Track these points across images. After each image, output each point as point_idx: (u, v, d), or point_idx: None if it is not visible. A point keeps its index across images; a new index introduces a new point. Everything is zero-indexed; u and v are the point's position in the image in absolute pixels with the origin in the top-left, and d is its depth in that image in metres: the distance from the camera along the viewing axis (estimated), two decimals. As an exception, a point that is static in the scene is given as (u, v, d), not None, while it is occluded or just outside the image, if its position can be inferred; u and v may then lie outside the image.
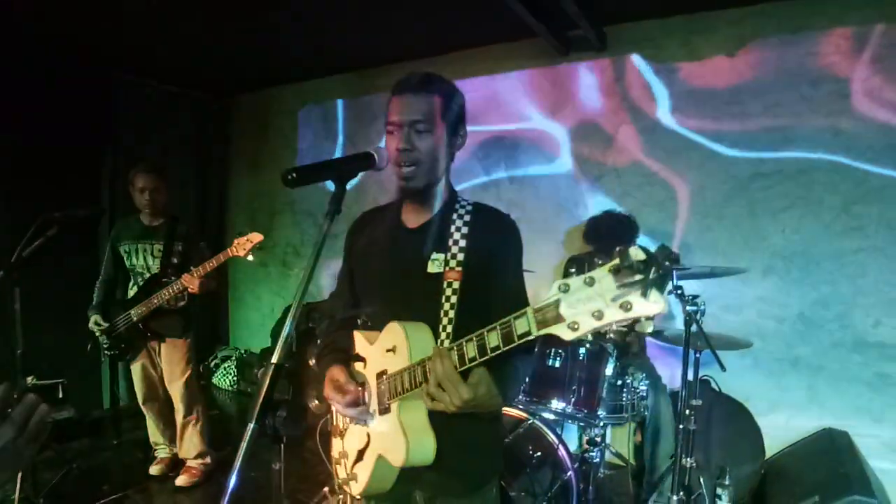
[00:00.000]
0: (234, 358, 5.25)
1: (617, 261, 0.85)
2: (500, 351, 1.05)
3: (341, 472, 1.51)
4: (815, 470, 2.72)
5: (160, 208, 3.19)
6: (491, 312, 1.33)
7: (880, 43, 2.89)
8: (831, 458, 2.73)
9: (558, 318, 0.93)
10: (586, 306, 0.89)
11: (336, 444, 1.57)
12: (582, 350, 2.59)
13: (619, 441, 3.41)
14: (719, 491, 2.88)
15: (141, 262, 3.15)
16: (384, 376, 1.32)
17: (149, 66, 4.56)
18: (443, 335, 1.30)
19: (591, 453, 2.73)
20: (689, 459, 2.50)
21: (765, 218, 3.21)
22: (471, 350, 1.10)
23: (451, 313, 1.30)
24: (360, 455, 1.41)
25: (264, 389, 1.13)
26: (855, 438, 2.91)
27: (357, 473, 1.42)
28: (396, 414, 1.28)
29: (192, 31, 3.78)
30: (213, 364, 5.31)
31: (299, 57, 4.40)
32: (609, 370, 2.58)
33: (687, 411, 2.45)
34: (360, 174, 1.33)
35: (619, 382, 2.63)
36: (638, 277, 0.83)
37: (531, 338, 0.99)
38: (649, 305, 0.83)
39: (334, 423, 1.61)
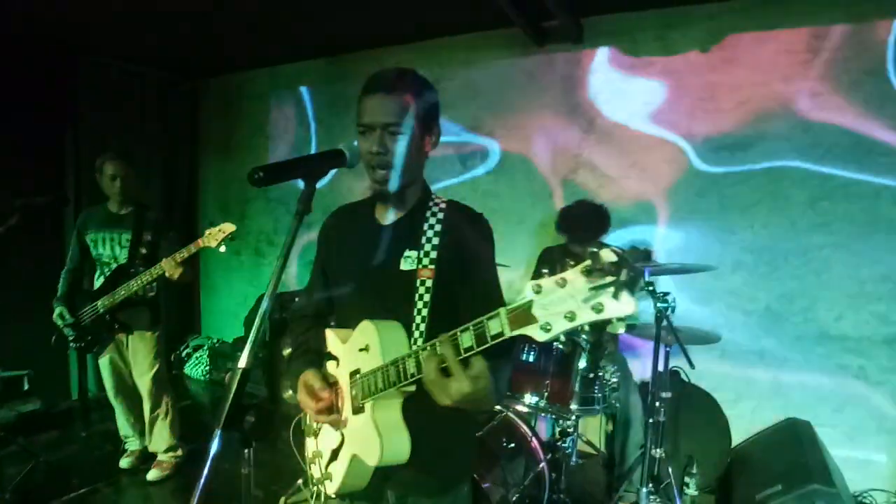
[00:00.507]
0: (205, 347, 5.18)
1: (588, 262, 0.85)
2: (473, 352, 1.04)
3: (316, 472, 1.50)
4: (779, 459, 2.82)
5: (130, 196, 3.10)
6: (464, 311, 1.34)
7: (838, 45, 2.95)
8: (794, 447, 2.83)
9: (531, 319, 0.93)
10: (559, 308, 0.90)
11: (310, 444, 1.55)
12: (556, 345, 2.61)
13: (591, 429, 3.47)
14: (687, 479, 2.98)
15: (108, 252, 3.06)
16: (357, 376, 1.31)
17: (112, 44, 4.35)
18: (416, 334, 1.29)
19: (563, 443, 2.77)
20: (658, 450, 2.56)
21: (734, 213, 3.27)
22: (467, 339, 1.07)
23: (425, 311, 1.29)
24: (335, 454, 1.41)
25: (232, 394, 1.11)
26: (817, 428, 3.01)
27: (332, 473, 1.41)
28: (370, 413, 1.27)
29: (158, 9, 3.61)
30: (184, 353, 5.23)
31: (272, 40, 4.27)
32: (582, 364, 2.61)
33: (657, 404, 2.51)
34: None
35: (592, 375, 2.67)
36: (609, 279, 0.83)
37: (503, 338, 0.98)
38: (620, 307, 0.84)
39: (308, 422, 1.60)
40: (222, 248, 2.78)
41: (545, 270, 0.97)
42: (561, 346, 2.60)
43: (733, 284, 3.29)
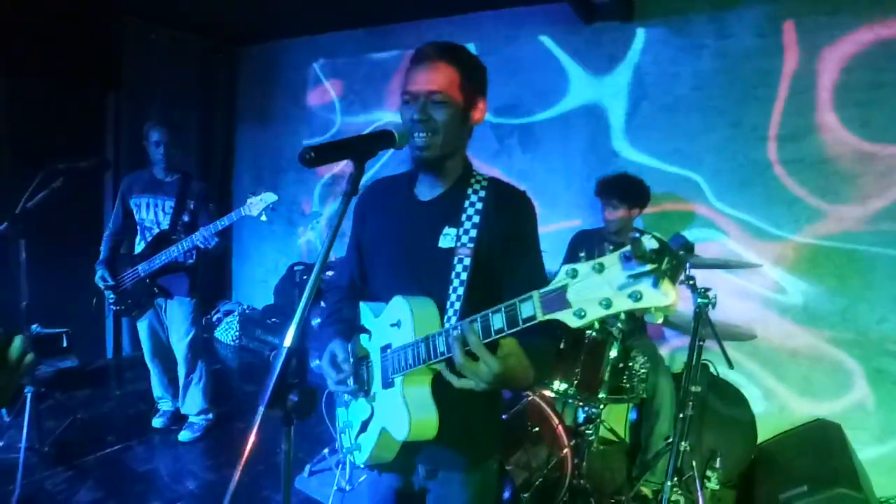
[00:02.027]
0: (236, 313, 5.29)
1: (629, 248, 0.81)
2: (504, 334, 1.03)
3: (345, 441, 1.53)
4: (806, 460, 2.78)
5: (174, 163, 3.15)
6: (505, 292, 1.31)
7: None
8: (822, 449, 2.79)
9: (565, 304, 0.91)
10: (595, 294, 0.87)
11: (341, 414, 1.58)
12: (589, 332, 2.59)
13: (614, 417, 3.46)
14: (709, 473, 2.95)
15: (151, 217, 3.12)
16: (388, 350, 1.32)
17: (154, 9, 4.37)
18: (450, 312, 1.29)
19: (587, 430, 2.77)
20: (684, 444, 2.55)
21: (780, 207, 3.16)
22: (475, 330, 1.07)
23: (461, 290, 1.28)
24: (364, 426, 1.43)
25: (277, 373, 1.12)
26: (847, 431, 2.95)
27: (361, 444, 1.44)
28: (400, 389, 1.28)
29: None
30: (215, 318, 5.35)
31: (312, 8, 4.21)
32: (613, 353, 2.59)
33: (688, 398, 2.48)
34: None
35: (622, 365, 2.64)
36: (650, 267, 0.80)
37: (535, 322, 0.97)
38: (660, 297, 0.80)
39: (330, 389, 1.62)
40: (263, 217, 2.82)
41: (582, 254, 0.94)
42: (594, 334, 2.57)
43: (771, 281, 3.20)
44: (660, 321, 0.82)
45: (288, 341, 1.14)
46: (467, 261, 1.29)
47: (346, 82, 4.83)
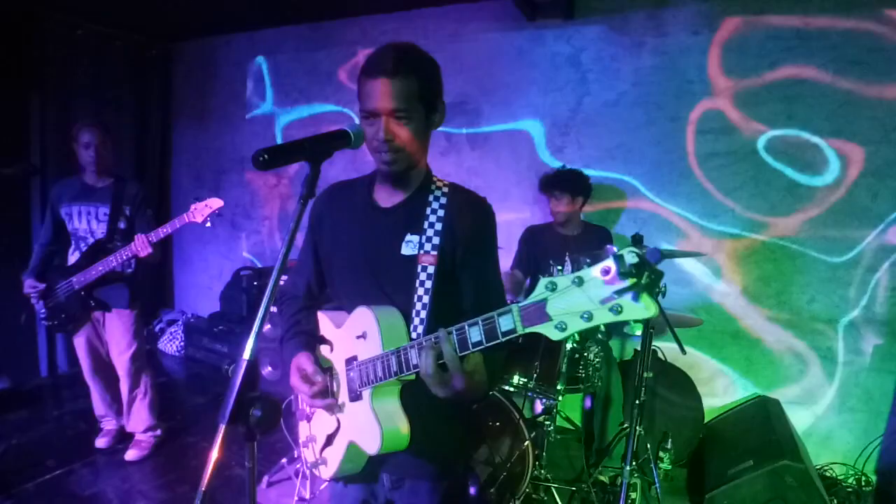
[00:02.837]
0: (180, 322, 5.07)
1: (609, 262, 0.84)
2: (481, 347, 1.04)
3: (309, 456, 1.49)
4: (750, 435, 2.94)
5: (106, 166, 2.97)
6: (466, 300, 1.33)
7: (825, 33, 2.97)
8: (764, 424, 2.95)
9: (545, 317, 0.92)
10: (575, 307, 0.89)
11: (303, 428, 1.54)
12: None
13: (570, 406, 3.55)
14: (661, 454, 3.08)
15: (84, 226, 2.93)
16: (354, 363, 1.29)
17: (78, 4, 4.08)
18: (416, 321, 1.27)
19: (546, 421, 2.82)
20: (639, 428, 2.64)
21: (718, 197, 3.32)
22: (451, 342, 1.08)
23: (426, 298, 1.27)
24: (329, 440, 1.40)
25: (237, 387, 1.08)
26: (784, 406, 3.15)
27: (327, 458, 1.41)
28: (369, 402, 1.26)
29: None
30: (158, 329, 5.12)
31: (248, 4, 4.07)
32: (569, 345, 2.65)
33: (642, 384, 2.57)
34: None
35: (577, 356, 2.71)
36: (630, 282, 0.82)
37: (515, 335, 0.98)
38: (640, 310, 0.83)
39: (300, 405, 1.58)
40: (208, 224, 2.71)
41: (559, 268, 0.95)
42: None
43: (713, 267, 3.36)
44: (638, 332, 0.86)
45: (247, 353, 1.10)
46: (431, 269, 1.28)
47: (288, 79, 4.70)
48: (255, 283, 4.31)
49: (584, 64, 3.59)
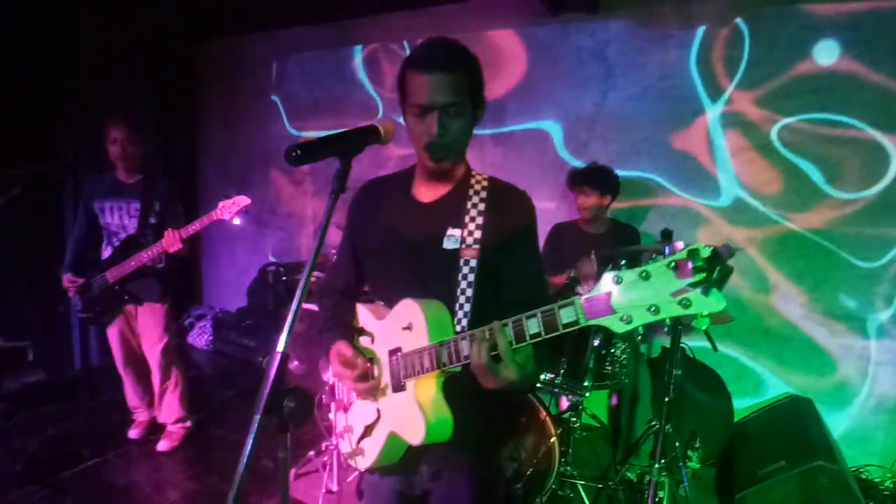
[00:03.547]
0: (209, 317, 5.16)
1: (679, 255, 0.85)
2: (539, 339, 1.04)
3: (345, 447, 1.51)
4: (782, 435, 2.88)
5: (135, 163, 3.03)
6: (508, 292, 1.33)
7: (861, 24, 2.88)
8: (797, 424, 2.89)
9: (609, 310, 0.93)
10: (641, 300, 0.90)
11: (340, 419, 1.56)
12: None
13: (596, 403, 3.52)
14: (690, 453, 3.03)
15: (116, 221, 3.00)
16: (398, 354, 1.30)
17: (105, 4, 4.17)
18: (459, 314, 1.28)
19: (572, 417, 2.81)
20: (668, 427, 2.60)
21: (747, 192, 3.25)
22: (508, 334, 1.08)
23: (469, 292, 1.28)
24: (368, 430, 1.41)
25: (271, 379, 1.09)
26: (818, 405, 3.07)
27: (364, 448, 1.42)
28: (413, 392, 1.27)
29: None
30: (187, 323, 5.22)
31: (275, 2, 4.11)
32: (596, 341, 2.63)
33: (671, 382, 2.54)
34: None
35: (604, 352, 2.69)
36: (700, 276, 0.83)
37: (578, 327, 0.99)
38: (710, 304, 0.84)
39: (338, 395, 1.59)
40: (236, 221, 2.76)
41: (623, 262, 0.94)
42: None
43: (744, 263, 3.30)
44: (705, 326, 0.87)
45: (281, 346, 1.11)
46: (473, 262, 1.28)
47: (312, 77, 4.74)
48: (284, 278, 4.36)
49: (608, 58, 3.55)
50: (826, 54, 2.99)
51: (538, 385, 2.64)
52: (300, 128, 4.87)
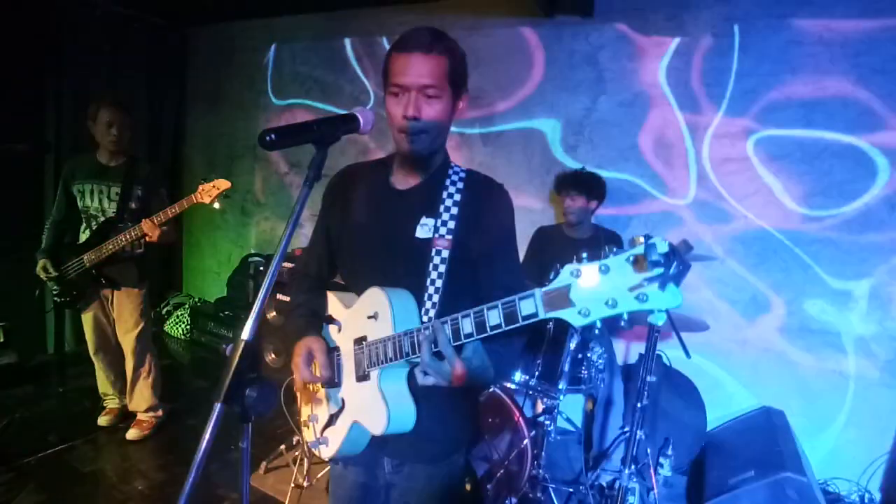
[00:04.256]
0: (187, 306, 5.10)
1: (637, 250, 0.85)
2: (499, 330, 1.03)
3: (309, 435, 1.49)
4: (752, 446, 2.90)
5: (124, 146, 2.98)
6: (481, 286, 1.32)
7: (848, 39, 2.91)
8: (767, 435, 2.91)
9: (568, 303, 0.93)
10: (600, 294, 0.89)
11: (304, 408, 1.54)
12: (549, 325, 2.62)
13: (571, 407, 3.53)
14: (662, 460, 3.05)
15: (96, 205, 2.95)
16: (364, 343, 1.29)
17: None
18: (428, 304, 1.27)
19: (546, 420, 2.81)
20: (640, 433, 2.61)
21: (729, 202, 3.28)
22: (467, 325, 1.07)
23: (439, 283, 1.27)
24: (332, 419, 1.40)
25: (233, 366, 1.07)
26: (789, 417, 3.10)
27: (328, 437, 1.40)
28: (376, 382, 1.25)
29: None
30: (164, 311, 5.15)
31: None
32: (573, 344, 2.62)
33: (644, 388, 2.55)
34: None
35: (580, 356, 2.69)
36: (657, 270, 0.82)
37: (536, 320, 0.98)
38: (667, 299, 0.84)
39: (303, 385, 1.57)
40: (216, 205, 2.73)
41: (584, 255, 0.93)
42: (550, 326, 2.61)
43: (723, 273, 3.32)
44: (660, 322, 0.86)
45: (246, 334, 1.09)
46: (446, 252, 1.27)
47: (304, 68, 4.70)
48: (263, 269, 4.31)
49: (601, 63, 3.55)
50: (812, 69, 3.02)
51: (512, 386, 2.64)
52: (288, 118, 4.82)
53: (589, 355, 2.74)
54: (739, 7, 3.15)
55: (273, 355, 4.09)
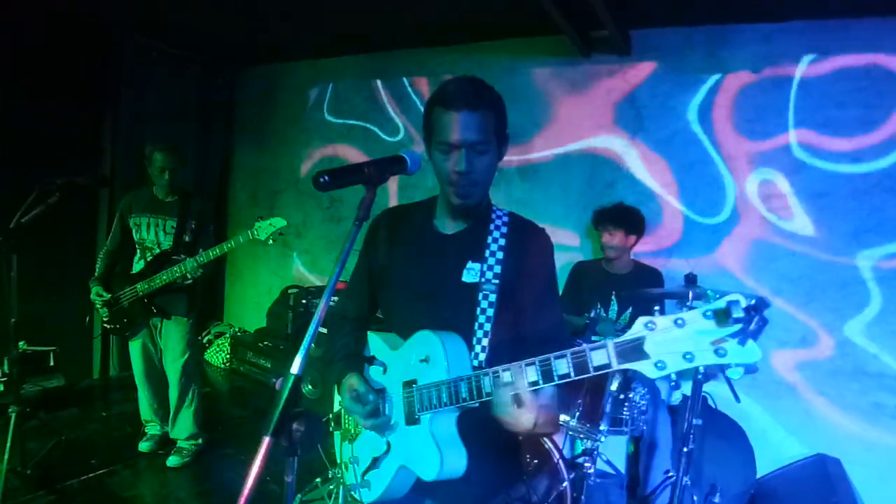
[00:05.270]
0: (227, 335, 5.20)
1: (718, 305, 0.86)
2: (567, 379, 1.03)
3: (349, 478, 1.48)
4: (807, 495, 2.75)
5: (175, 185, 3.13)
6: (527, 329, 1.33)
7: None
8: (823, 484, 2.75)
9: (642, 355, 0.94)
10: (675, 346, 0.91)
11: (345, 449, 1.53)
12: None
13: (612, 449, 3.41)
14: (709, 507, 2.90)
15: (152, 238, 3.08)
16: (414, 386, 1.29)
17: (155, 26, 4.37)
18: (477, 348, 1.28)
19: (586, 462, 2.73)
20: (686, 478, 2.51)
21: (776, 239, 3.19)
22: (532, 374, 1.07)
23: (487, 326, 1.28)
24: (376, 462, 1.39)
25: (283, 400, 1.09)
26: (846, 466, 2.93)
27: (370, 481, 1.39)
28: (428, 427, 1.25)
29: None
30: (205, 340, 5.26)
31: (312, 32, 4.25)
32: (614, 385, 2.57)
33: (690, 431, 2.45)
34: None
35: (622, 397, 2.62)
36: (738, 326, 0.84)
37: (609, 370, 0.99)
38: (746, 354, 0.85)
39: (344, 425, 1.57)
40: (271, 242, 2.82)
41: (657, 308, 0.95)
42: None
43: (769, 313, 3.20)
44: (738, 376, 0.86)
45: (295, 368, 1.11)
46: (493, 296, 1.28)
47: (346, 107, 4.86)
48: (304, 301, 4.38)
49: (638, 100, 3.56)
50: (859, 104, 2.95)
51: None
52: (330, 153, 4.97)
53: (631, 396, 2.67)
54: (779, 44, 3.14)
55: (310, 386, 4.12)
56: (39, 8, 3.82)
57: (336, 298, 2.93)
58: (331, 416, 1.59)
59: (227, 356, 5.02)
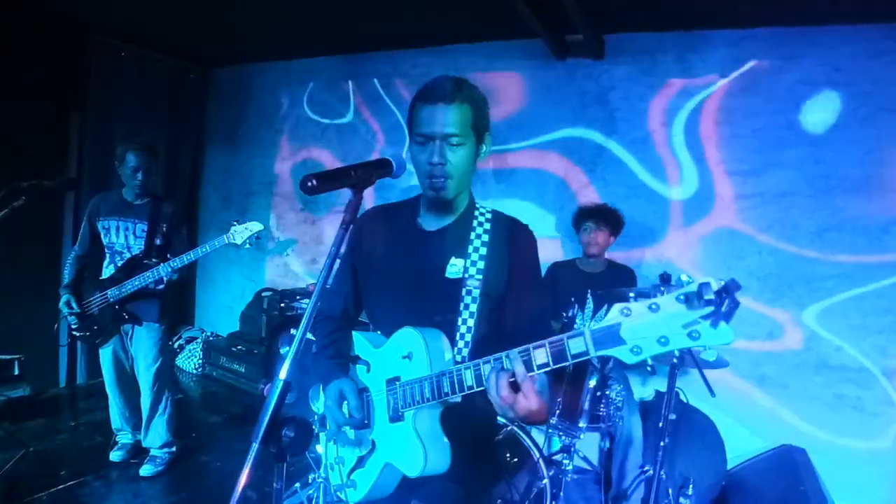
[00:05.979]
0: (199, 340, 5.11)
1: (689, 288, 0.88)
2: (547, 368, 1.05)
3: (335, 478, 1.48)
4: (775, 485, 2.84)
5: (148, 187, 3.04)
6: (509, 323, 1.34)
7: (857, 79, 2.98)
8: (790, 474, 2.85)
9: (619, 341, 0.95)
10: (650, 332, 0.92)
11: (330, 449, 1.53)
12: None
13: (587, 445, 3.47)
14: (682, 500, 2.98)
15: (121, 241, 2.99)
16: (397, 383, 1.29)
17: (123, 27, 4.26)
18: (460, 343, 1.29)
19: (565, 459, 2.77)
20: (661, 472, 2.57)
21: (743, 239, 3.30)
22: (517, 365, 1.08)
23: (471, 322, 1.30)
24: (361, 461, 1.39)
25: (272, 407, 1.09)
26: (811, 455, 3.04)
27: (356, 480, 1.40)
28: (412, 423, 1.26)
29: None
30: (176, 345, 5.15)
31: (286, 32, 4.21)
32: (592, 382, 2.61)
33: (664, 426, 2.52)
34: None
35: (599, 394, 2.67)
36: (709, 309, 0.85)
37: (587, 357, 1.00)
38: (719, 335, 0.87)
39: (329, 426, 1.57)
40: (247, 246, 2.78)
41: (632, 294, 0.96)
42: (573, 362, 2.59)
43: (738, 310, 3.31)
44: (712, 358, 0.89)
45: (284, 373, 1.11)
46: (476, 292, 1.30)
47: (320, 109, 4.82)
48: (282, 304, 4.34)
49: (611, 102, 3.64)
50: (821, 108, 3.08)
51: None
52: (305, 157, 4.92)
53: (608, 393, 2.72)
54: (746, 49, 3.24)
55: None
56: (7, 7, 3.68)
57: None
58: (316, 417, 1.59)
59: (200, 361, 4.92)
